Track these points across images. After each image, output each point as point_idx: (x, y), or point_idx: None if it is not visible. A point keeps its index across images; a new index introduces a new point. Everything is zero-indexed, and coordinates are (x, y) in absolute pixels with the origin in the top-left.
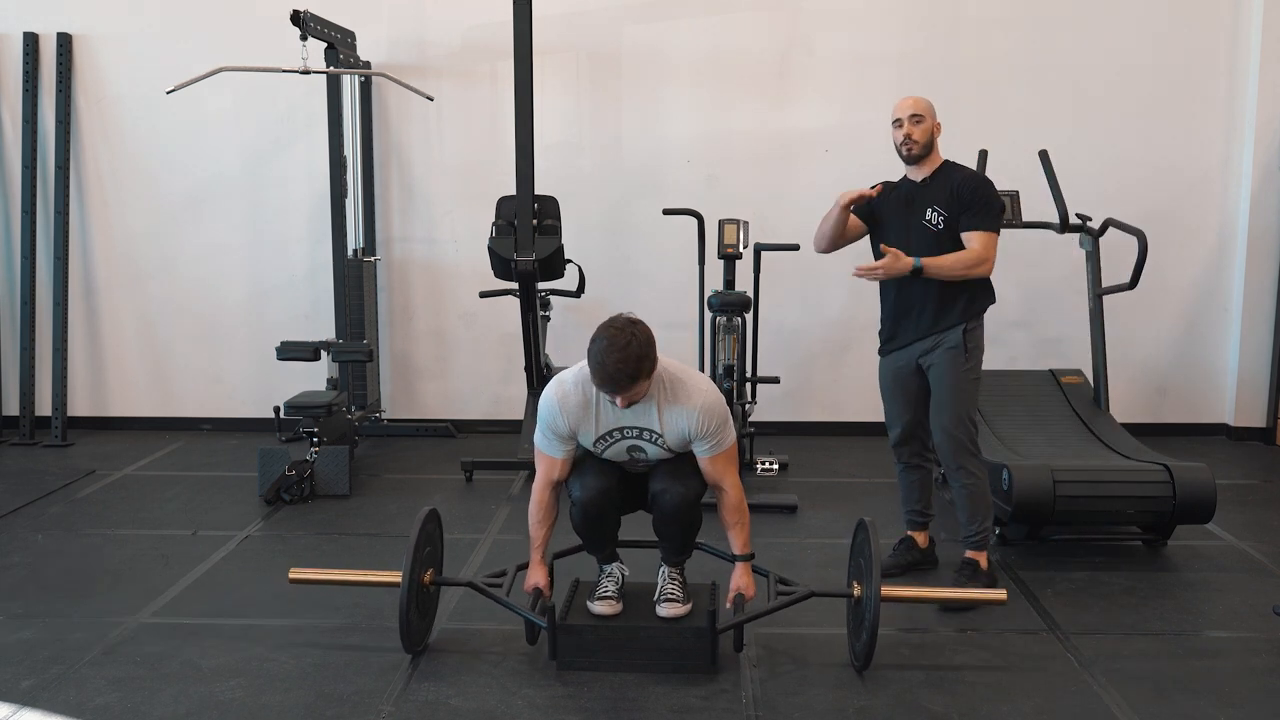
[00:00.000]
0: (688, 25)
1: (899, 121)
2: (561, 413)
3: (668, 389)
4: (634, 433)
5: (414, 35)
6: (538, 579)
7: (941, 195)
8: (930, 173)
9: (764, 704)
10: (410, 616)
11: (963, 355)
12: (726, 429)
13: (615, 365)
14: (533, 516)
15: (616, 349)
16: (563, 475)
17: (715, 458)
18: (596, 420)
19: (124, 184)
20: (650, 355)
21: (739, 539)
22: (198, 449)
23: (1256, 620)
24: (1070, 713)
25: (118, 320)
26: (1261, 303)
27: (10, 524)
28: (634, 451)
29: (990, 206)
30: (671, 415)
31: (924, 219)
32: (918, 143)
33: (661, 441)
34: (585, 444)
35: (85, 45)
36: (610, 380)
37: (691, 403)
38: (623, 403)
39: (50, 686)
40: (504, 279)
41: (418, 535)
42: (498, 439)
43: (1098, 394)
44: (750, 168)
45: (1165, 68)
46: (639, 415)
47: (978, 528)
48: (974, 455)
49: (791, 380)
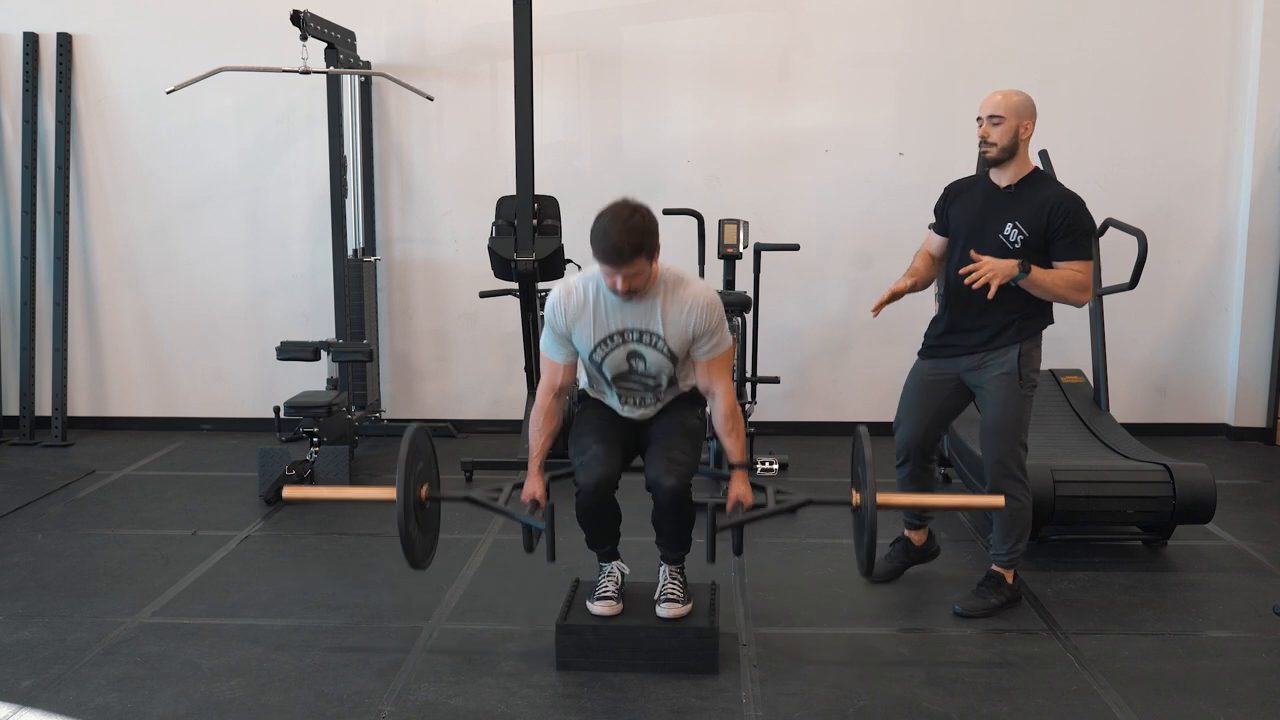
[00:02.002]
0: (688, 25)
1: (979, 119)
2: (562, 310)
3: (670, 286)
4: (635, 336)
5: (414, 35)
6: (535, 489)
7: (1027, 211)
8: (1016, 180)
9: (764, 704)
10: (410, 532)
11: (1017, 380)
12: (725, 329)
13: (618, 235)
14: (533, 424)
15: (620, 220)
16: (565, 382)
17: (714, 361)
18: (595, 321)
19: (124, 184)
20: (653, 233)
21: (735, 447)
22: (198, 449)
23: (1256, 620)
24: (1070, 713)
25: (118, 320)
26: (1261, 303)
27: (10, 524)
28: (633, 360)
29: (1086, 234)
30: (674, 312)
31: (1001, 232)
32: (994, 145)
33: (662, 345)
34: (583, 351)
35: (85, 45)
36: (613, 250)
37: (694, 297)
38: (623, 285)
39: (50, 686)
40: (504, 279)
41: (408, 450)
42: (498, 439)
43: (1098, 394)
44: (750, 168)
45: (1165, 67)
46: (640, 315)
47: (1010, 547)
48: (1019, 481)
49: (791, 380)
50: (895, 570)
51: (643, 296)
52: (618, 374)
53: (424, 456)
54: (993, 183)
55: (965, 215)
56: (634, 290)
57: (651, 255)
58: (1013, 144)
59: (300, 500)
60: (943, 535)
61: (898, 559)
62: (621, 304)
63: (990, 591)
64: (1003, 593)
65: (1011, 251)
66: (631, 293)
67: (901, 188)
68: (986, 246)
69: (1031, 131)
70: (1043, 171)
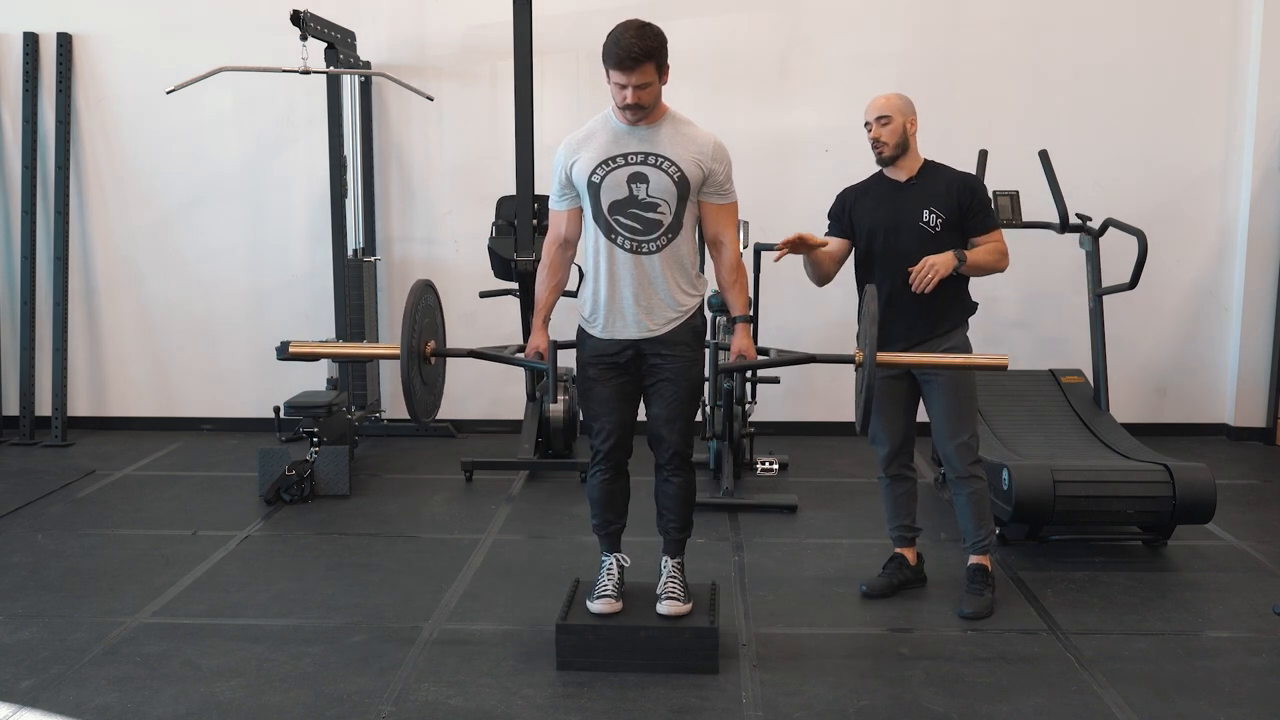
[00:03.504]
0: (688, 25)
1: (868, 124)
2: (566, 143)
3: (678, 120)
4: (639, 158)
5: (414, 35)
6: (539, 343)
7: (937, 196)
8: (914, 172)
9: (764, 704)
10: (412, 382)
11: None
12: (733, 180)
13: (630, 39)
14: (539, 277)
15: (632, 28)
16: (570, 233)
17: (722, 208)
18: (599, 146)
19: (124, 184)
20: (664, 47)
21: (738, 300)
22: (198, 449)
23: (1256, 620)
24: (1070, 713)
25: (118, 320)
26: (1261, 303)
27: (10, 524)
28: (635, 184)
29: (989, 205)
30: (682, 140)
31: (920, 220)
32: (887, 144)
33: (670, 166)
34: (582, 180)
35: (85, 45)
36: (625, 53)
37: (705, 133)
38: (633, 96)
39: (50, 686)
40: (504, 279)
41: (413, 304)
42: (498, 439)
43: (1098, 394)
44: (750, 168)
45: (1165, 68)
46: (646, 138)
47: (984, 531)
48: (981, 462)
49: (791, 380)
50: (892, 585)
51: (650, 123)
52: (617, 201)
53: (429, 313)
54: (890, 180)
55: (875, 213)
56: (642, 105)
57: (661, 68)
58: (903, 140)
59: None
60: (942, 535)
61: (894, 574)
62: (629, 130)
63: (983, 586)
64: (991, 583)
65: (933, 235)
66: (640, 109)
67: None
68: (908, 235)
69: (916, 126)
70: (932, 161)
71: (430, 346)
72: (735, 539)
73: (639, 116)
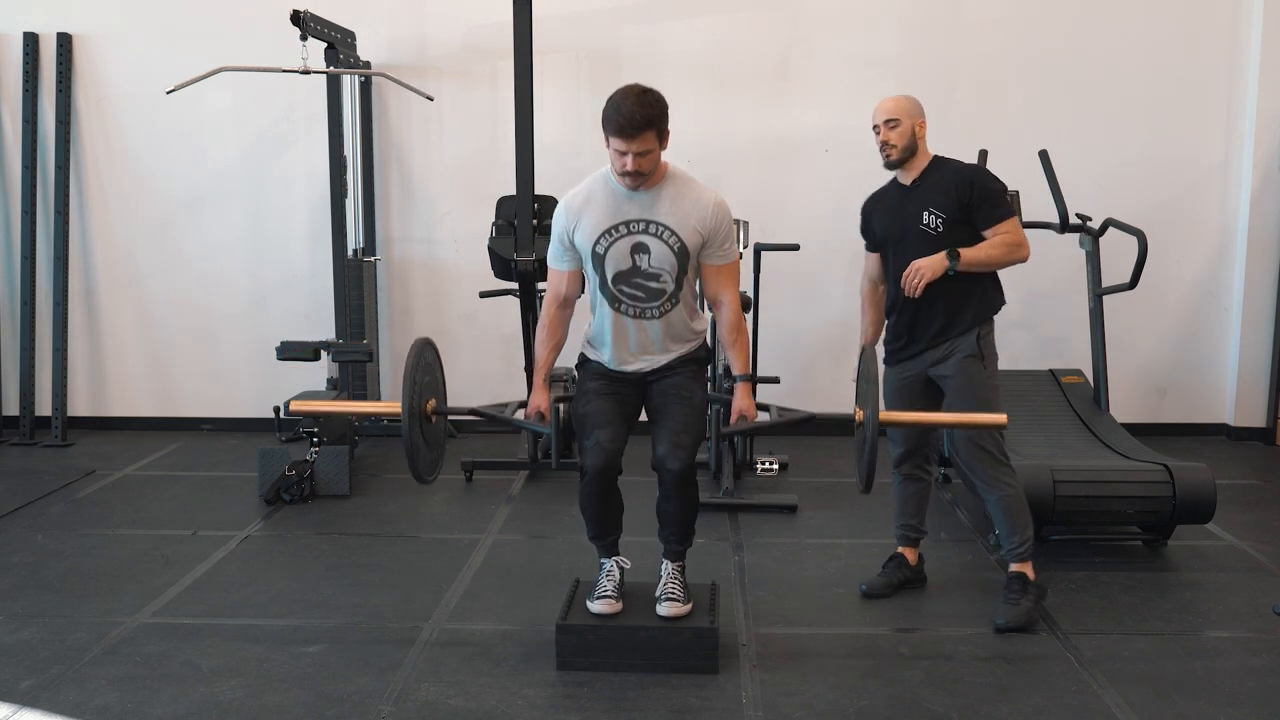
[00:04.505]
0: (688, 25)
1: (876, 128)
2: (566, 208)
3: (679, 181)
4: (640, 226)
5: (414, 35)
6: (540, 403)
7: (935, 196)
8: (919, 174)
9: (764, 704)
10: (416, 442)
11: (980, 362)
12: (734, 238)
13: (631, 107)
14: (538, 337)
15: (633, 95)
16: (570, 292)
17: (722, 268)
18: (602, 210)
19: (124, 184)
20: (665, 113)
21: (739, 359)
22: (198, 449)
23: (1256, 620)
24: (1070, 713)
25: (118, 320)
26: (1261, 302)
27: (10, 524)
28: (638, 254)
29: (997, 195)
30: (683, 204)
31: (920, 223)
32: (895, 147)
33: (670, 236)
34: (585, 248)
35: (85, 45)
36: (626, 122)
37: (705, 194)
38: (633, 164)
39: (50, 686)
40: (504, 279)
41: (414, 363)
42: (498, 439)
43: (1098, 394)
44: (750, 168)
45: (1165, 67)
46: (646, 206)
47: (1020, 539)
48: (1005, 464)
49: (791, 380)
50: (891, 584)
51: (650, 187)
52: (621, 272)
53: (430, 370)
54: (899, 184)
55: (886, 221)
56: (643, 172)
57: (662, 135)
58: (911, 143)
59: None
60: (942, 535)
61: (893, 574)
62: (628, 195)
63: (1020, 594)
64: (1031, 591)
65: (935, 238)
66: (640, 175)
67: None
68: (910, 240)
69: (925, 128)
70: (941, 157)
71: (431, 405)
72: (735, 539)
73: (639, 183)
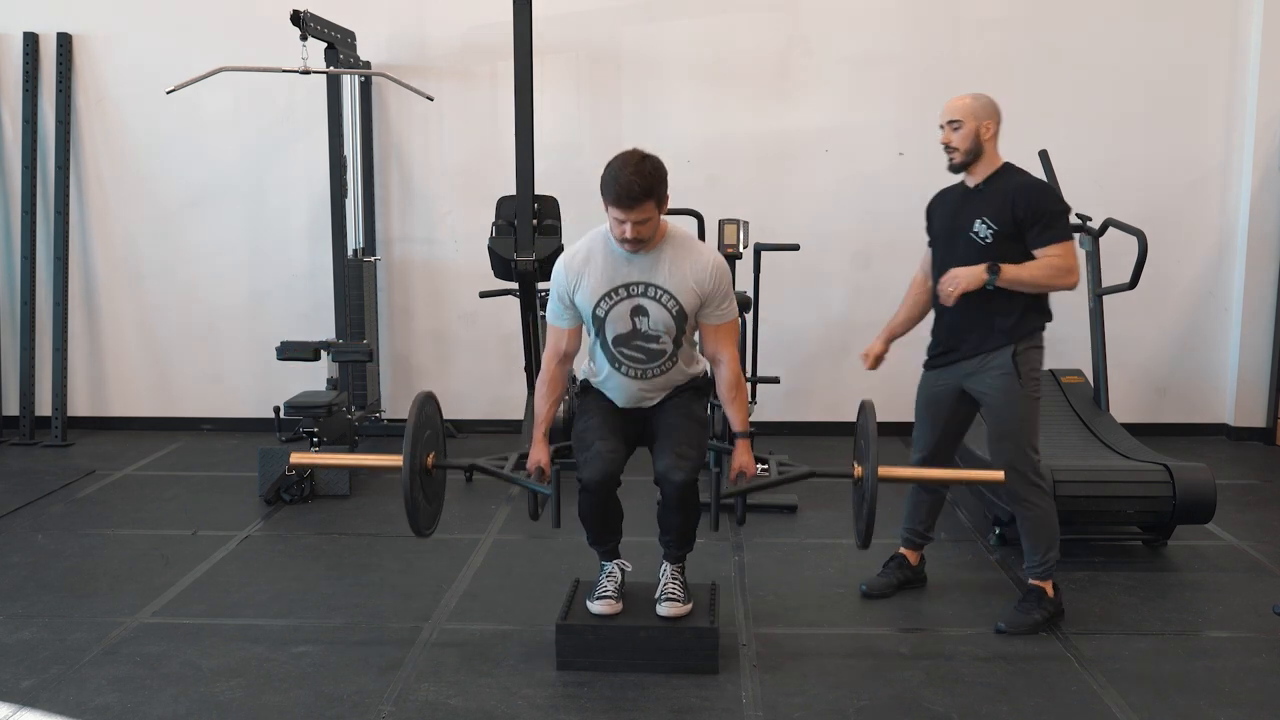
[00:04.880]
0: (688, 25)
1: (941, 127)
2: (565, 268)
3: (678, 242)
4: (640, 289)
5: (414, 35)
6: (540, 457)
7: (993, 206)
8: (985, 178)
9: (764, 704)
10: (415, 498)
11: (1016, 380)
12: (732, 296)
13: (629, 177)
14: (538, 392)
15: (631, 164)
16: (570, 349)
17: (720, 327)
18: (601, 272)
19: (124, 184)
20: (663, 181)
21: (738, 416)
22: (198, 449)
23: (1256, 620)
24: (1070, 713)
25: (118, 320)
26: (1261, 303)
27: (10, 524)
28: (637, 317)
29: (1053, 216)
30: (681, 267)
31: (970, 230)
32: (957, 150)
33: (668, 300)
34: (586, 309)
35: (85, 45)
36: (624, 192)
37: (704, 256)
38: (632, 231)
39: (50, 686)
40: (504, 279)
41: (416, 418)
42: (498, 439)
43: (1098, 394)
44: (750, 168)
45: (1165, 68)
46: (645, 269)
47: (1041, 557)
48: (1037, 487)
49: (791, 380)
50: (891, 585)
51: (649, 250)
52: (620, 334)
53: (431, 425)
54: (964, 185)
55: (942, 221)
56: (641, 239)
57: (661, 203)
58: (975, 146)
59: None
60: (941, 535)
61: (893, 574)
62: (628, 258)
63: (1033, 607)
64: (1045, 607)
65: (983, 248)
66: (639, 242)
67: (901, 188)
68: (959, 246)
69: (994, 131)
70: (1013, 165)
71: (431, 459)
72: (735, 539)
73: (638, 249)
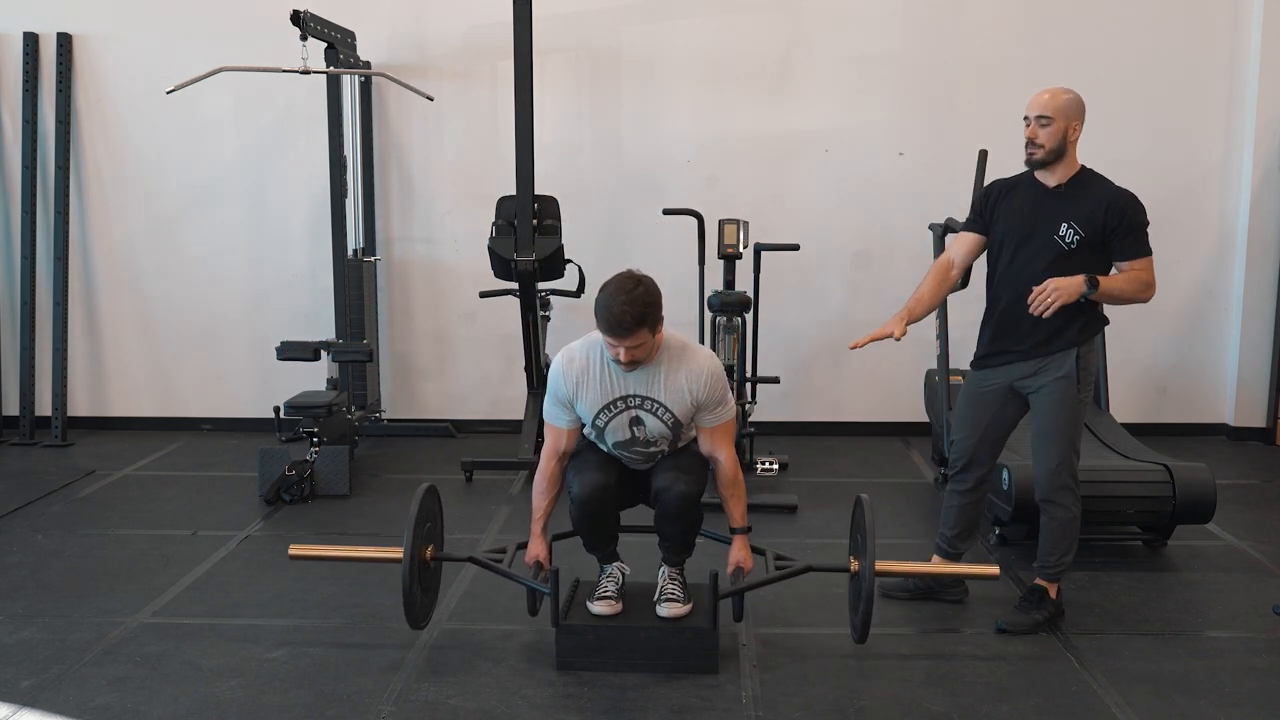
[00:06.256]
0: (687, 25)
1: (1026, 119)
2: (564, 378)
3: (673, 353)
4: (637, 401)
5: (414, 35)
6: (538, 551)
7: (1083, 211)
8: (1065, 180)
9: (764, 704)
10: (413, 591)
11: (1074, 385)
12: (729, 399)
13: (621, 307)
14: (537, 487)
15: (623, 292)
16: (569, 447)
17: (716, 429)
18: (600, 386)
19: (124, 184)
20: (656, 306)
21: (736, 511)
22: (198, 449)
23: (1256, 620)
24: (1070, 713)
25: (118, 320)
26: (1261, 303)
27: (10, 524)
28: (635, 427)
29: (1142, 228)
30: (677, 379)
31: (1056, 233)
32: (1041, 147)
33: (664, 413)
34: (586, 417)
35: (85, 45)
36: (616, 322)
37: (699, 366)
38: (626, 355)
39: (50, 686)
40: (504, 279)
41: (417, 511)
42: (498, 439)
43: (1098, 394)
44: (750, 168)
45: (1165, 68)
46: (642, 382)
47: (1057, 559)
48: (1071, 490)
49: (791, 380)
50: (906, 587)
51: (646, 365)
52: (620, 441)
53: (431, 517)
54: (1040, 183)
55: (1014, 217)
56: (636, 361)
57: (654, 327)
58: (1060, 146)
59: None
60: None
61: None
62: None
63: (1034, 607)
64: (1046, 608)
65: (1067, 252)
66: (634, 363)
67: (901, 188)
68: (1041, 246)
69: (1079, 132)
70: (1090, 169)
71: (430, 552)
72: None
73: (633, 368)
